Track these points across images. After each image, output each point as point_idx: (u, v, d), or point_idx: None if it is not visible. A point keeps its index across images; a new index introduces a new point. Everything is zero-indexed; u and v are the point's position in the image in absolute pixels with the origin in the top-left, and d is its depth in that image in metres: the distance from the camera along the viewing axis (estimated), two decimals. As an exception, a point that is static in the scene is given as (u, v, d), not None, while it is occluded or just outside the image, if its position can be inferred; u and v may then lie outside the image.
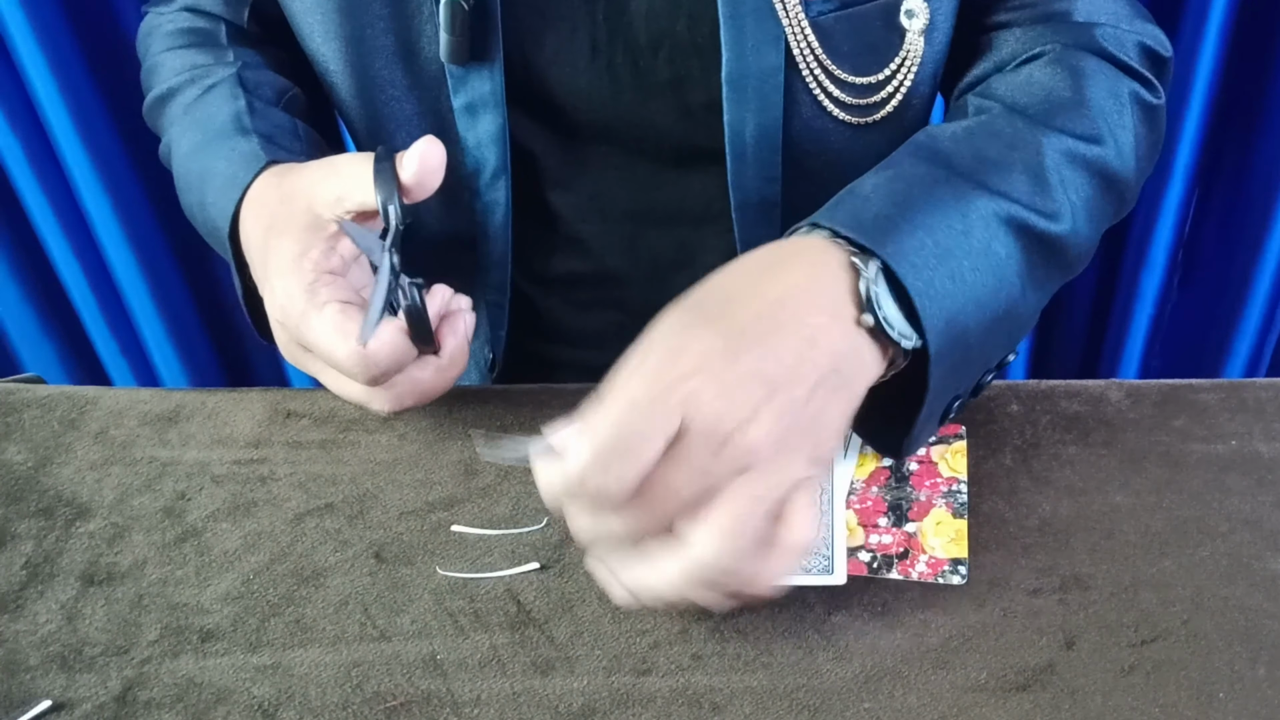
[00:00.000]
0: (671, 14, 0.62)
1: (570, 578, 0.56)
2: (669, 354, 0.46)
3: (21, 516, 0.61)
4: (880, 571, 0.55)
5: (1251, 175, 1.09)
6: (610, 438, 0.44)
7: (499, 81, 0.63)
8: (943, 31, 0.63)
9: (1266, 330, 1.17)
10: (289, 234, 0.58)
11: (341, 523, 0.59)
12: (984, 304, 0.52)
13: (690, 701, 0.50)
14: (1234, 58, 1.03)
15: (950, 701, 0.50)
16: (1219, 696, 0.49)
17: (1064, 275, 0.59)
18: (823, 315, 0.49)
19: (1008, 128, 0.58)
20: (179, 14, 0.75)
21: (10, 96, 1.12)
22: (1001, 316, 0.54)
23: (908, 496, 0.58)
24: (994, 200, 0.54)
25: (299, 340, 0.57)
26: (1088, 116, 0.59)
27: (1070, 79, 0.60)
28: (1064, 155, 0.57)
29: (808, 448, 0.47)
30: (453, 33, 0.61)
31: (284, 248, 0.57)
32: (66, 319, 1.30)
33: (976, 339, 0.53)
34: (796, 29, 0.60)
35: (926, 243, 0.51)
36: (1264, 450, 0.59)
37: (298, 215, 0.58)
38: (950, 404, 0.55)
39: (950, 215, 0.52)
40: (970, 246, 0.52)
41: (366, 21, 0.64)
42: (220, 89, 0.69)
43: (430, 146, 0.57)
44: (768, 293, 0.49)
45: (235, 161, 0.63)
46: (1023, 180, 0.55)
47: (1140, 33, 0.63)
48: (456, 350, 0.59)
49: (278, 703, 0.51)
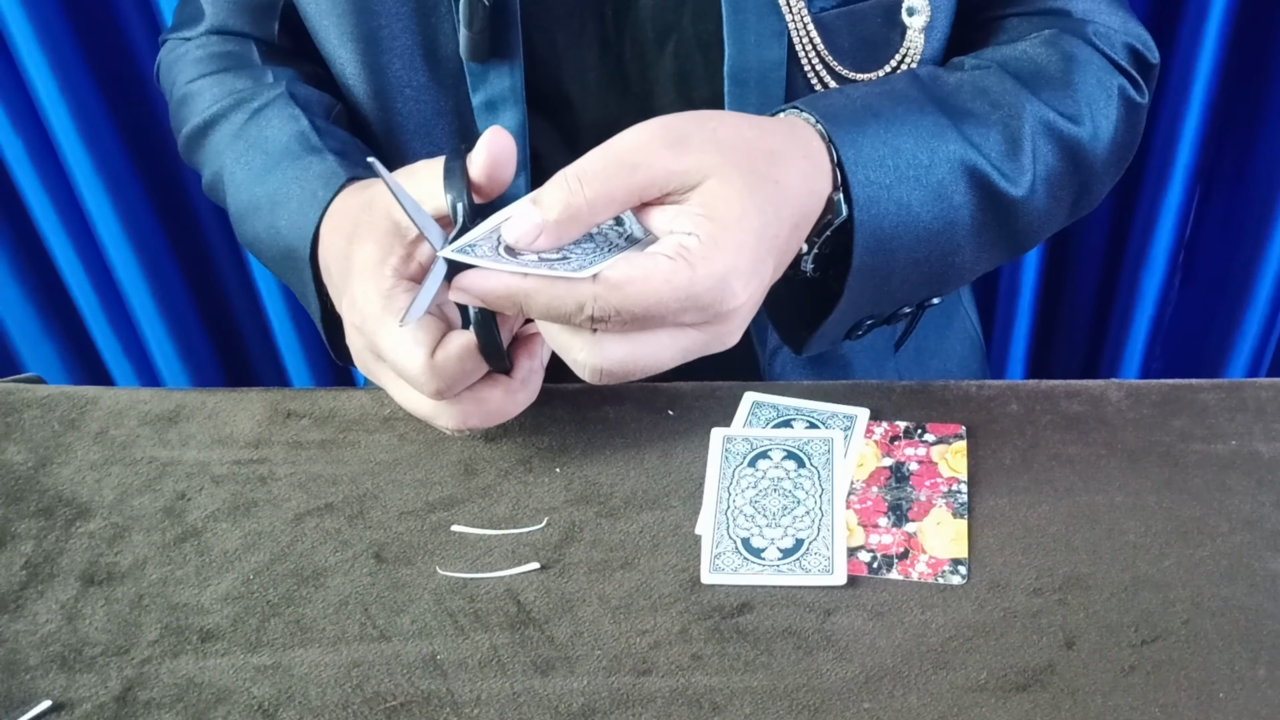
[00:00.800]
0: (678, 8, 0.62)
1: (570, 578, 0.56)
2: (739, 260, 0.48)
3: (21, 516, 0.61)
4: (880, 571, 0.55)
5: (1252, 176, 1.09)
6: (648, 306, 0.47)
7: (519, 78, 0.63)
8: (941, 29, 0.64)
9: (1267, 331, 1.17)
10: (371, 239, 0.56)
11: (341, 523, 0.59)
12: (920, 239, 0.55)
13: (690, 701, 0.50)
14: (1234, 58, 1.03)
15: (950, 701, 0.50)
16: (1219, 696, 0.49)
17: (1009, 245, 0.61)
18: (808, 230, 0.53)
19: (997, 86, 0.60)
20: (206, 38, 0.73)
21: (11, 96, 1.12)
22: (935, 258, 0.57)
23: (908, 496, 0.58)
24: (964, 148, 0.56)
25: (373, 348, 0.56)
26: (1072, 96, 0.61)
27: (1062, 60, 0.62)
28: (1042, 125, 0.59)
29: None
30: (472, 29, 0.61)
31: (365, 253, 0.56)
32: (67, 319, 1.30)
33: (901, 269, 0.55)
34: (799, 25, 0.60)
35: (887, 162, 0.54)
36: (1264, 450, 0.59)
37: (379, 221, 0.56)
38: (861, 321, 0.58)
39: (920, 146, 0.55)
40: (927, 181, 0.55)
41: (384, 21, 0.64)
42: (274, 110, 0.67)
43: (496, 136, 0.52)
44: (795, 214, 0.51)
45: (312, 181, 0.61)
46: (997, 138, 0.58)
47: (1131, 36, 0.65)
48: (530, 373, 0.57)
49: (278, 703, 0.51)
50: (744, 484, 0.59)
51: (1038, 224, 0.61)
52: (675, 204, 0.49)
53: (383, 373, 0.58)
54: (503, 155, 0.52)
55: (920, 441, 0.61)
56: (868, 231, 0.54)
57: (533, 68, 0.65)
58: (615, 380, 0.50)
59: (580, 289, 0.47)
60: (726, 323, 0.49)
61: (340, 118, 0.70)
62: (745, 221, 0.48)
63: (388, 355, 0.55)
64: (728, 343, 0.50)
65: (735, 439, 0.61)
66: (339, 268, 0.58)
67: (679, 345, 0.49)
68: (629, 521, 0.58)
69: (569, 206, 0.47)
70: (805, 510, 0.57)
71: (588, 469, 0.61)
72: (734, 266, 0.47)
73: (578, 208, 0.48)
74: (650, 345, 0.49)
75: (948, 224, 0.56)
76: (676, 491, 0.59)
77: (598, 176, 0.48)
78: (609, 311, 0.47)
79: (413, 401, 0.57)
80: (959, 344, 0.86)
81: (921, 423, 0.61)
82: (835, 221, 0.54)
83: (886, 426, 0.62)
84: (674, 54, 0.64)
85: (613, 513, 0.59)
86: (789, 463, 0.59)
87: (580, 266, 0.47)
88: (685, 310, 0.47)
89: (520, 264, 0.47)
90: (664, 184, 0.48)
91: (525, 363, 0.57)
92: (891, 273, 0.55)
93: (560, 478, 0.61)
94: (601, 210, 0.48)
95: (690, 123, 0.50)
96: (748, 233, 0.48)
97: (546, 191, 0.48)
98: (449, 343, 0.54)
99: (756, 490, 0.58)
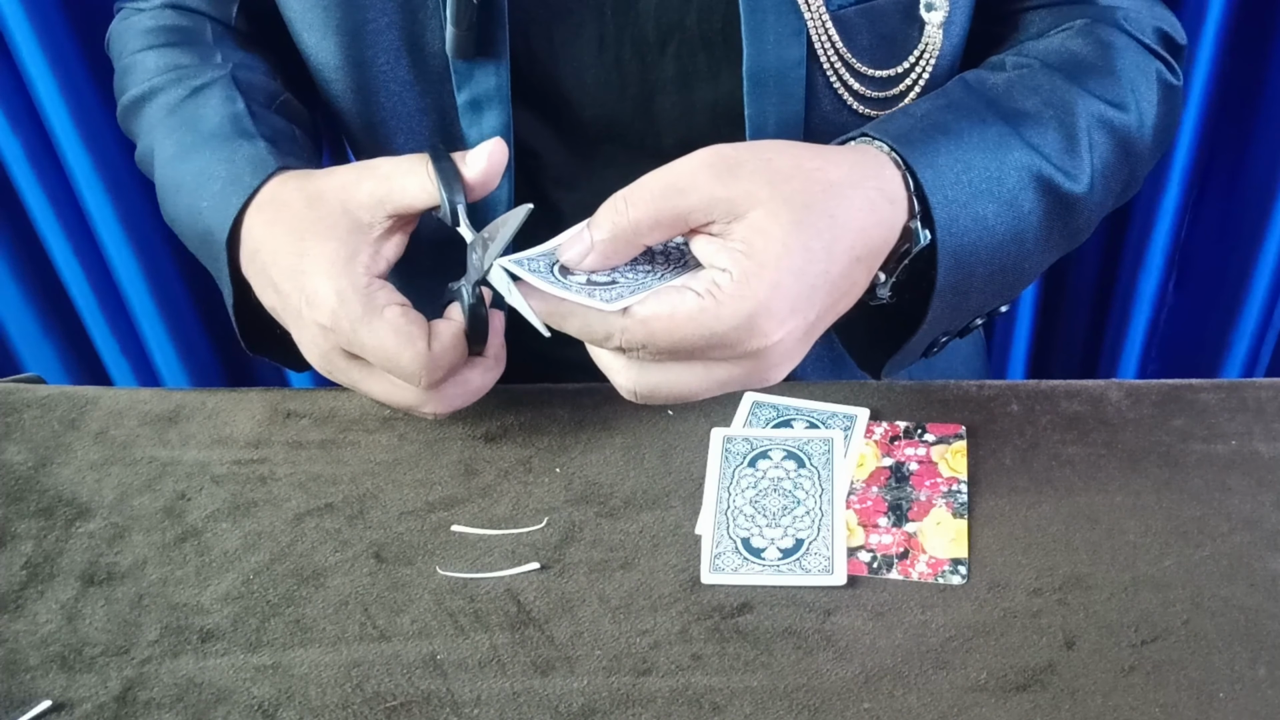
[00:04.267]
0: (682, 8, 0.62)
1: (570, 578, 0.56)
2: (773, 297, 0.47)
3: (21, 516, 0.61)
4: (880, 571, 0.55)
5: (1247, 178, 1.09)
6: (674, 345, 0.47)
7: (505, 78, 0.63)
8: (960, 25, 0.64)
9: (1263, 331, 1.17)
10: (332, 238, 0.56)
11: (341, 523, 0.59)
12: (995, 251, 0.55)
13: (690, 701, 0.50)
14: (1230, 59, 1.03)
15: (950, 701, 0.50)
16: (1219, 696, 0.49)
17: (1070, 242, 0.61)
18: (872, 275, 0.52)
19: (1046, 83, 0.60)
20: (160, 11, 0.72)
21: (11, 97, 1.11)
22: (1009, 267, 0.56)
23: (908, 496, 0.58)
24: (1028, 153, 0.56)
25: (351, 345, 0.56)
26: (1117, 84, 0.61)
27: (1100, 49, 0.62)
28: (1095, 118, 0.59)
29: None
30: (459, 26, 0.61)
31: (327, 251, 0.56)
32: (67, 319, 1.30)
33: (979, 283, 0.55)
34: (818, 23, 0.60)
35: (962, 179, 0.54)
36: (1264, 450, 0.59)
37: (335, 218, 0.56)
38: (938, 339, 0.58)
39: (989, 158, 0.55)
40: (999, 193, 0.55)
41: (369, 16, 0.63)
42: (213, 90, 0.66)
43: (498, 148, 0.57)
44: (856, 247, 0.50)
45: (239, 165, 0.61)
46: (1055, 137, 0.57)
47: (1158, 19, 0.66)
48: (499, 349, 0.60)
49: (278, 703, 0.51)
50: (744, 484, 0.59)
51: (1095, 216, 0.61)
52: (719, 235, 0.49)
53: (356, 370, 0.58)
54: (499, 166, 0.57)
55: (920, 441, 0.61)
56: (949, 251, 0.53)
57: (530, 66, 0.65)
58: (651, 402, 0.51)
59: (610, 320, 0.48)
60: (759, 359, 0.48)
61: (285, 108, 0.69)
62: (785, 260, 0.47)
63: (377, 352, 0.55)
64: (769, 379, 0.50)
65: (735, 439, 0.61)
66: (286, 264, 0.57)
67: (714, 377, 0.49)
68: (629, 521, 0.58)
69: (615, 227, 0.48)
70: (805, 510, 0.57)
71: (588, 469, 0.61)
72: (764, 307, 0.47)
73: (623, 229, 0.48)
74: (684, 375, 0.49)
75: (1018, 232, 0.55)
76: (676, 491, 0.59)
77: (645, 200, 0.48)
78: (636, 344, 0.48)
79: (395, 395, 0.58)
80: (960, 344, 0.86)
81: (921, 423, 0.61)
82: (915, 249, 0.53)
83: (886, 426, 0.62)
84: (675, 55, 0.64)
85: (613, 513, 0.59)
86: (789, 463, 0.59)
87: (619, 295, 0.48)
88: (712, 347, 0.47)
89: (561, 287, 0.48)
90: (708, 211, 0.48)
91: (494, 340, 0.59)
92: (970, 289, 0.55)
93: (560, 478, 0.61)
94: (646, 233, 0.49)
95: (745, 151, 0.50)
96: (785, 272, 0.47)
97: (599, 213, 0.49)
98: (441, 333, 0.55)
99: (756, 490, 0.58)
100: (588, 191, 0.72)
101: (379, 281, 0.56)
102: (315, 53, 0.66)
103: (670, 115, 0.66)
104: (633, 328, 0.48)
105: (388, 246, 0.58)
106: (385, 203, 0.56)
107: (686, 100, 0.65)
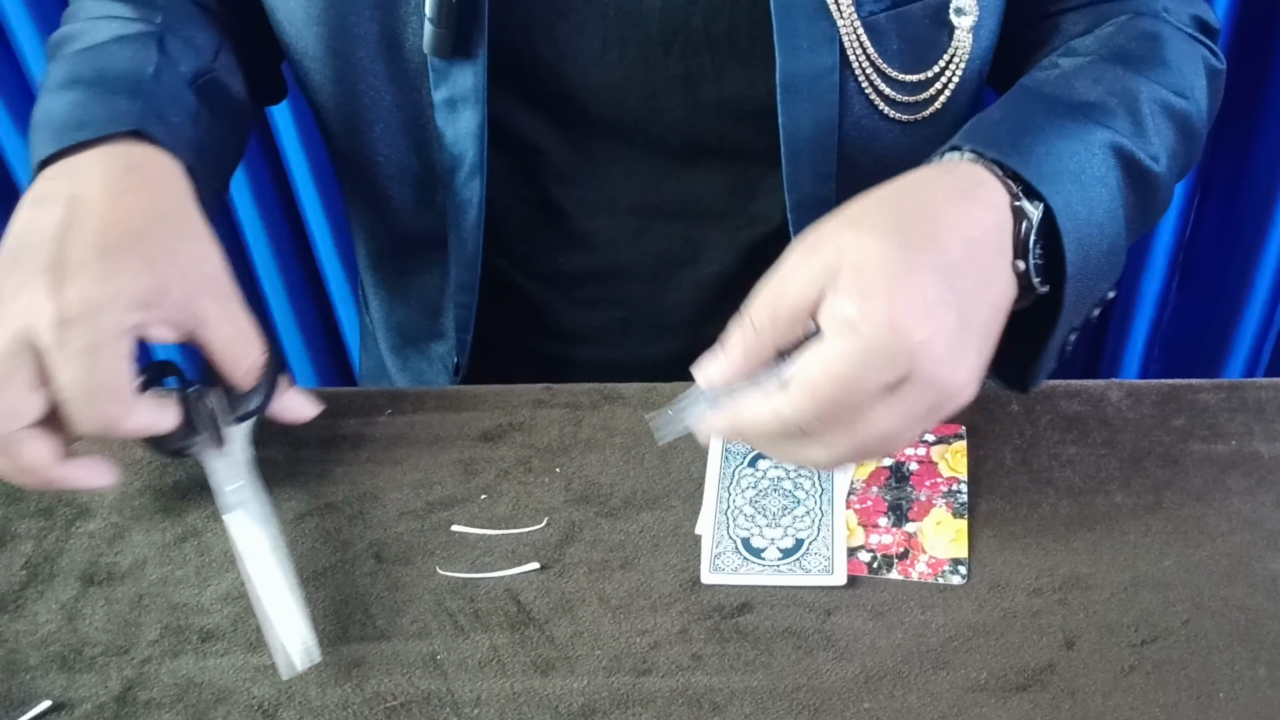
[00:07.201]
0: (687, 8, 0.62)
1: (570, 578, 0.56)
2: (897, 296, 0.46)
3: (21, 516, 0.61)
4: (880, 571, 0.55)
5: (1250, 178, 1.09)
6: (838, 391, 0.46)
7: (482, 77, 0.63)
8: (989, 29, 0.64)
9: (1265, 332, 1.17)
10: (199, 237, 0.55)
11: (341, 523, 0.59)
12: (1104, 228, 0.54)
13: (690, 701, 0.50)
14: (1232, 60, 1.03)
15: (950, 701, 0.50)
16: (1219, 696, 0.49)
17: (1148, 222, 0.61)
18: (1004, 260, 0.51)
19: (1107, 73, 0.60)
20: None
21: (12, 96, 1.12)
22: (1118, 247, 0.56)
23: (908, 496, 0.58)
24: (1106, 130, 0.56)
25: (64, 347, 0.49)
26: (1172, 72, 0.61)
27: (1147, 40, 0.63)
28: (1157, 103, 0.59)
29: None
30: (438, 24, 0.61)
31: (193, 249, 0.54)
32: (67, 319, 1.30)
33: (1095, 264, 0.55)
34: (850, 29, 0.60)
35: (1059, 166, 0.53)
36: (1264, 450, 0.59)
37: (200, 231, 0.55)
38: (1068, 336, 0.57)
39: (1074, 141, 0.55)
40: (1091, 173, 0.54)
41: (352, 9, 0.63)
42: (130, 43, 0.63)
43: (307, 409, 0.60)
44: (964, 229, 0.50)
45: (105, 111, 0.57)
46: (1125, 120, 0.57)
47: (1193, 6, 0.67)
48: None
49: (278, 703, 0.51)
50: (744, 484, 0.59)
51: (1167, 199, 0.61)
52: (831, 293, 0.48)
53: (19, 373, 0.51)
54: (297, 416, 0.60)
55: (920, 441, 0.61)
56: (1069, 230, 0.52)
57: (531, 64, 0.65)
58: (863, 459, 0.52)
59: (775, 401, 0.48)
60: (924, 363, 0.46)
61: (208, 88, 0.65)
62: (892, 263, 0.47)
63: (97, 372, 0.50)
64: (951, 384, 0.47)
65: (735, 439, 0.61)
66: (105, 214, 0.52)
67: (899, 411, 0.47)
68: (629, 521, 0.58)
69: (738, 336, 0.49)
70: (805, 510, 0.57)
71: (588, 469, 0.61)
72: (893, 304, 0.46)
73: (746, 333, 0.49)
74: (870, 423, 0.47)
75: (1113, 210, 0.55)
76: (676, 491, 0.59)
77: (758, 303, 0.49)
78: (807, 415, 0.47)
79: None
80: None
81: (921, 423, 0.61)
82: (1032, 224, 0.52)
83: (886, 427, 0.61)
84: (680, 54, 0.64)
85: (613, 513, 0.59)
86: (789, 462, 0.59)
87: None
88: (874, 372, 0.46)
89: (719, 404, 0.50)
90: (810, 280, 0.48)
91: None
92: (1089, 270, 0.54)
93: (560, 478, 0.61)
94: (767, 331, 0.49)
95: (825, 221, 0.50)
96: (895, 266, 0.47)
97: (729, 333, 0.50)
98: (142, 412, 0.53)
99: (756, 490, 0.58)
100: (590, 189, 0.72)
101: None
102: (295, 42, 0.66)
103: (674, 113, 0.66)
104: (794, 390, 0.47)
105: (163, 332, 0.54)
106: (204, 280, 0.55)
107: (690, 99, 0.65)
